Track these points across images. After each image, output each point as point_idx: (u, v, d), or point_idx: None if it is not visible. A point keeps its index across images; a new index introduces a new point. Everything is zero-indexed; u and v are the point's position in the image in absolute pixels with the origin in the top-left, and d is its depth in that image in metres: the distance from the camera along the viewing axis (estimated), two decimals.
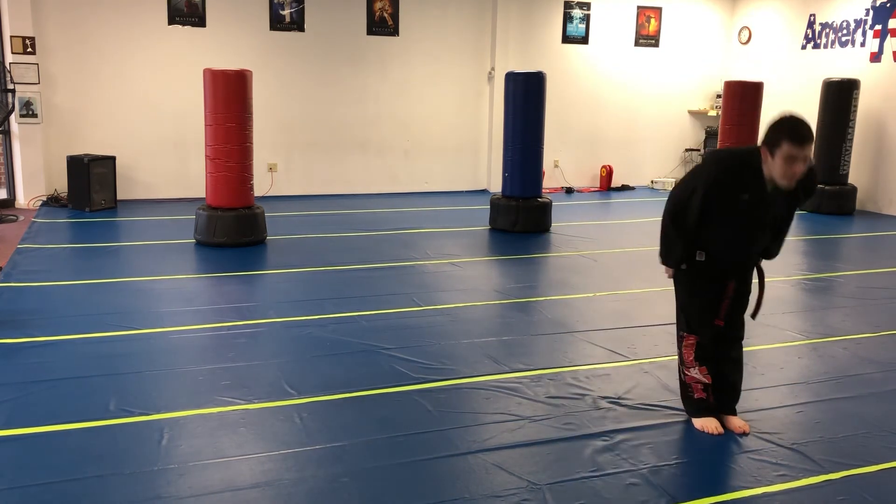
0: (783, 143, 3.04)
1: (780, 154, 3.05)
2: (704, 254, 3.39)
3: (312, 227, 8.13)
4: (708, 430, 3.47)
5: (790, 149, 3.02)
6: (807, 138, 3.04)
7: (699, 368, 3.50)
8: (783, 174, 3.09)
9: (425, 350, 4.48)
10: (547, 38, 11.10)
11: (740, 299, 3.51)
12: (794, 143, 3.02)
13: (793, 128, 3.05)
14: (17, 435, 3.31)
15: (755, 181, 3.19)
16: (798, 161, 3.05)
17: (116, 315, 4.95)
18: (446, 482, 3.02)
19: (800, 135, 3.03)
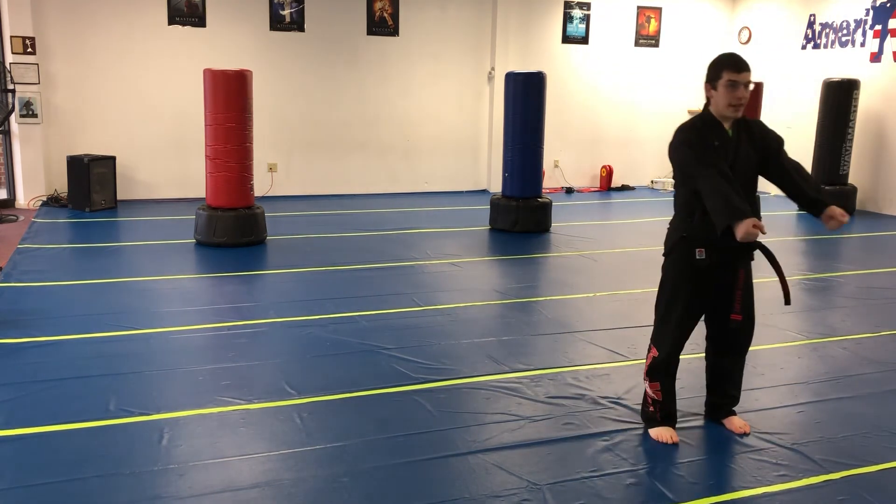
0: (723, 73, 3.22)
1: (722, 83, 3.22)
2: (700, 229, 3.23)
3: (312, 227, 8.13)
4: (663, 439, 3.37)
5: (729, 74, 3.20)
6: (743, 64, 3.21)
7: (650, 384, 3.43)
8: (728, 102, 3.22)
9: (425, 350, 4.48)
10: (547, 38, 11.10)
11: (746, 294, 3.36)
12: (732, 70, 3.20)
13: (729, 57, 3.26)
14: (17, 435, 3.31)
15: (715, 130, 3.26)
16: (739, 86, 3.20)
17: (116, 315, 4.95)
18: (446, 482, 3.02)
19: (736, 61, 3.22)
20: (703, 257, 3.27)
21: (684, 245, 3.31)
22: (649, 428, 3.45)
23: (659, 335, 3.42)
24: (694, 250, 3.28)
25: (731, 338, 3.46)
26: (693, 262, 3.28)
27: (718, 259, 3.26)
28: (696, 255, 3.27)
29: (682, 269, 3.34)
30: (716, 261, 3.26)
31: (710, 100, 3.32)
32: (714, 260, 3.26)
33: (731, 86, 3.21)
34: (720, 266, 3.27)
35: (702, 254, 3.26)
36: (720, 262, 3.27)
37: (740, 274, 3.30)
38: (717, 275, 3.29)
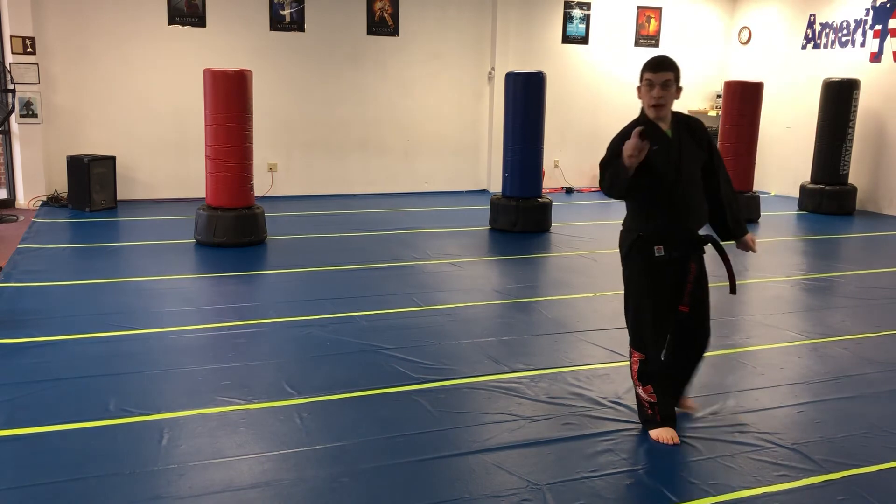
0: (643, 74, 3.31)
1: (643, 84, 3.31)
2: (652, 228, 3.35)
3: (312, 227, 8.13)
4: (663, 440, 3.37)
5: (647, 75, 3.29)
6: (663, 64, 3.28)
7: (643, 388, 3.43)
8: (648, 101, 3.31)
9: (425, 350, 4.48)
10: (547, 38, 11.10)
11: (699, 286, 3.44)
12: (649, 70, 3.28)
13: (649, 59, 3.33)
14: (17, 435, 3.31)
15: (654, 131, 3.26)
16: (655, 85, 3.27)
17: (116, 315, 4.95)
18: (446, 482, 3.02)
19: (655, 62, 3.30)
20: (661, 254, 3.34)
21: (642, 244, 3.38)
22: (649, 430, 3.44)
23: (637, 339, 3.44)
24: (652, 248, 3.34)
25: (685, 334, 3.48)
26: (652, 259, 3.35)
27: (675, 254, 3.34)
28: (654, 253, 3.34)
29: (643, 268, 3.40)
30: (673, 256, 3.34)
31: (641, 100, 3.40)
32: (671, 255, 3.34)
33: (648, 85, 3.29)
34: (676, 262, 3.36)
35: (660, 251, 3.34)
36: (676, 258, 3.35)
37: (692, 268, 3.39)
38: (672, 271, 3.36)
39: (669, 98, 3.29)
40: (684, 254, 3.38)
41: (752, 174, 9.30)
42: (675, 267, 3.36)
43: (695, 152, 3.39)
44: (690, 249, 3.40)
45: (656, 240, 3.34)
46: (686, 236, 3.37)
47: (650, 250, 3.35)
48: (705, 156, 3.42)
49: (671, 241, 3.34)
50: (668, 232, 3.33)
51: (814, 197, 9.86)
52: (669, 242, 3.34)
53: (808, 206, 9.91)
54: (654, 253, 3.34)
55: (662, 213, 3.32)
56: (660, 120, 3.34)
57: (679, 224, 3.37)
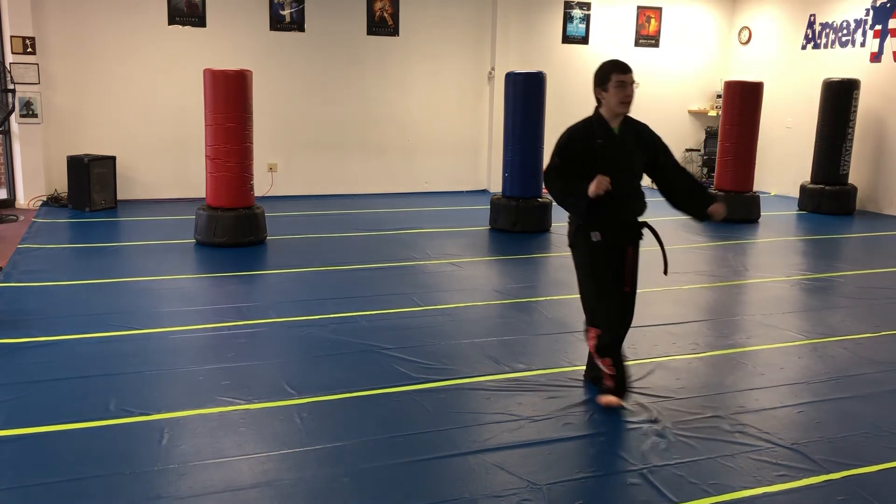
0: (612, 75, 3.63)
1: (612, 84, 3.62)
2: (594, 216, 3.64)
3: (312, 227, 8.13)
4: (612, 404, 3.70)
5: (618, 76, 3.62)
6: (628, 67, 3.69)
7: (602, 361, 3.73)
8: (619, 100, 3.63)
9: (425, 350, 4.48)
10: (547, 38, 11.10)
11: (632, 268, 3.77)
12: (619, 72, 3.64)
13: (615, 62, 3.70)
14: (17, 435, 3.31)
15: (602, 128, 3.67)
16: (627, 85, 3.63)
17: (116, 315, 4.95)
18: (446, 482, 3.02)
19: (622, 65, 3.68)
20: (599, 239, 3.68)
21: (583, 232, 3.71)
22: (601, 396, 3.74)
23: (593, 317, 3.79)
24: (590, 236, 3.69)
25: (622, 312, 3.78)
26: (592, 245, 3.69)
27: (613, 239, 3.69)
28: (593, 239, 3.68)
29: (587, 254, 3.74)
30: (611, 241, 3.68)
31: (602, 101, 3.70)
32: (609, 240, 3.68)
33: (621, 85, 3.62)
34: (614, 246, 3.70)
35: (598, 237, 3.68)
36: (614, 242, 3.70)
37: (629, 251, 3.73)
38: (612, 254, 3.71)
39: (633, 97, 3.68)
40: (622, 239, 3.72)
41: (752, 174, 9.30)
42: (614, 251, 3.70)
43: (636, 151, 3.76)
44: (628, 235, 3.75)
45: (597, 227, 3.67)
46: (623, 224, 3.74)
47: (590, 237, 3.69)
48: (648, 156, 3.80)
49: (610, 228, 3.69)
50: (607, 220, 3.67)
51: (814, 197, 9.85)
52: (608, 229, 3.69)
53: (808, 206, 9.91)
54: (593, 238, 3.68)
55: (602, 203, 3.57)
56: (615, 118, 3.69)
57: (617, 213, 3.69)
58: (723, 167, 9.29)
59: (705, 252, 7.50)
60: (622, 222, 3.73)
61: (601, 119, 3.70)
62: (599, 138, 3.64)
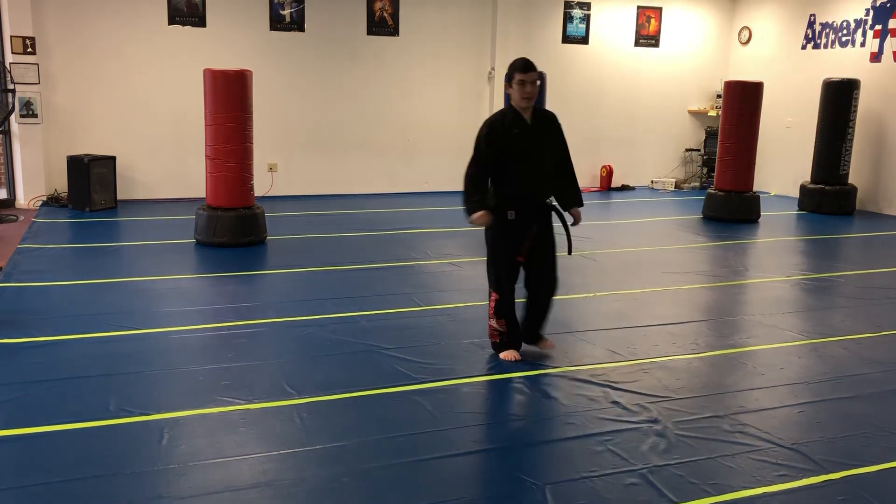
0: (515, 74, 4.11)
1: (515, 82, 4.11)
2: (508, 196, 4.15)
3: (312, 227, 8.13)
4: (508, 358, 4.26)
5: (519, 76, 4.09)
6: (530, 66, 4.12)
7: (497, 321, 4.29)
8: (520, 96, 4.11)
9: (425, 350, 4.48)
10: (547, 38, 11.10)
11: (545, 244, 4.29)
12: (520, 72, 4.10)
13: (520, 61, 4.15)
14: (17, 435, 3.31)
15: (516, 119, 4.16)
16: (526, 83, 4.09)
17: (116, 315, 4.95)
18: (446, 482, 3.02)
19: (523, 64, 4.12)
20: (512, 217, 4.17)
21: (498, 210, 4.18)
22: (499, 353, 4.31)
23: (496, 283, 4.28)
24: (506, 212, 4.17)
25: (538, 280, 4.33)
26: (505, 221, 4.17)
27: (523, 217, 4.19)
28: (507, 216, 4.17)
29: (498, 228, 4.21)
30: (521, 219, 4.18)
31: (510, 95, 4.16)
32: (520, 218, 4.18)
33: (521, 84, 4.10)
34: (524, 223, 4.19)
35: (512, 214, 4.17)
36: (524, 220, 4.19)
37: (532, 229, 4.22)
38: (522, 230, 4.20)
39: (535, 93, 4.13)
40: (530, 218, 4.22)
41: (752, 174, 9.30)
42: (522, 228, 4.20)
43: (546, 139, 4.26)
44: (536, 214, 4.25)
45: (509, 206, 4.16)
46: (532, 204, 4.23)
47: (504, 214, 4.17)
48: (556, 143, 4.30)
49: (520, 207, 4.18)
50: (518, 200, 4.18)
51: (814, 197, 9.86)
52: (519, 208, 4.18)
53: (808, 206, 9.91)
54: (507, 216, 4.16)
55: (515, 184, 4.16)
56: (524, 110, 4.16)
57: (527, 194, 4.21)
58: (723, 167, 9.29)
59: (705, 252, 7.50)
60: (532, 203, 4.23)
61: (514, 111, 4.18)
62: (515, 128, 4.14)
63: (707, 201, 9.35)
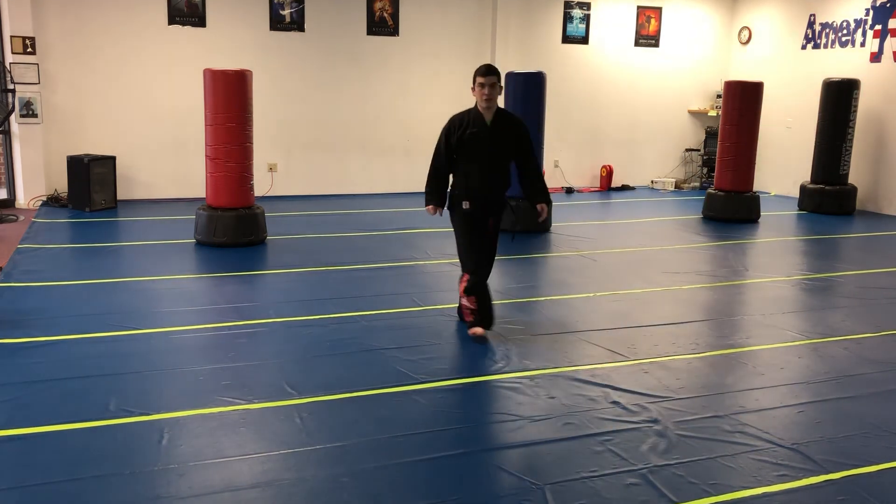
0: (476, 78, 4.49)
1: (476, 85, 4.50)
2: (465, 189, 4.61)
3: (312, 227, 8.13)
4: (476, 333, 4.64)
5: (479, 78, 4.48)
6: (490, 70, 4.49)
7: (468, 299, 4.66)
8: (480, 97, 4.49)
9: (425, 350, 4.48)
10: (547, 38, 11.10)
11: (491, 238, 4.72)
12: (480, 75, 4.47)
13: (481, 67, 4.53)
14: (17, 435, 3.31)
15: (476, 119, 4.55)
16: (486, 86, 4.45)
17: (116, 315, 4.95)
18: (446, 482, 3.02)
19: (484, 69, 4.50)
20: (468, 207, 4.62)
21: (457, 200, 4.66)
22: (470, 329, 4.66)
23: (465, 266, 4.70)
24: (462, 203, 4.63)
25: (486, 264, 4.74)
26: (462, 211, 4.64)
27: (478, 208, 4.63)
28: (463, 206, 4.63)
29: (460, 216, 4.69)
30: (477, 209, 4.62)
31: (475, 97, 4.55)
32: (475, 209, 4.62)
33: (481, 86, 4.47)
34: (480, 214, 4.64)
35: (467, 205, 4.62)
36: (480, 212, 4.64)
37: (489, 221, 4.68)
38: (478, 220, 4.64)
39: (496, 95, 4.50)
40: (486, 210, 4.66)
41: (752, 174, 9.30)
42: (479, 218, 4.64)
43: (504, 139, 4.61)
44: (491, 207, 4.67)
45: (466, 198, 4.62)
46: (488, 198, 4.65)
47: (461, 204, 4.63)
48: (516, 145, 4.64)
49: (477, 200, 4.62)
50: (474, 193, 4.62)
51: (814, 197, 9.86)
52: (475, 200, 4.62)
53: (808, 206, 9.91)
54: (464, 206, 4.62)
55: (473, 179, 4.60)
56: (486, 111, 4.53)
57: (483, 188, 4.62)
58: (723, 167, 9.29)
59: (705, 252, 7.50)
60: (486, 196, 4.64)
61: (477, 112, 4.56)
62: (472, 128, 4.53)
63: (707, 201, 9.36)
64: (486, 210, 4.66)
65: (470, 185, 4.61)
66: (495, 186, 4.67)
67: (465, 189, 4.63)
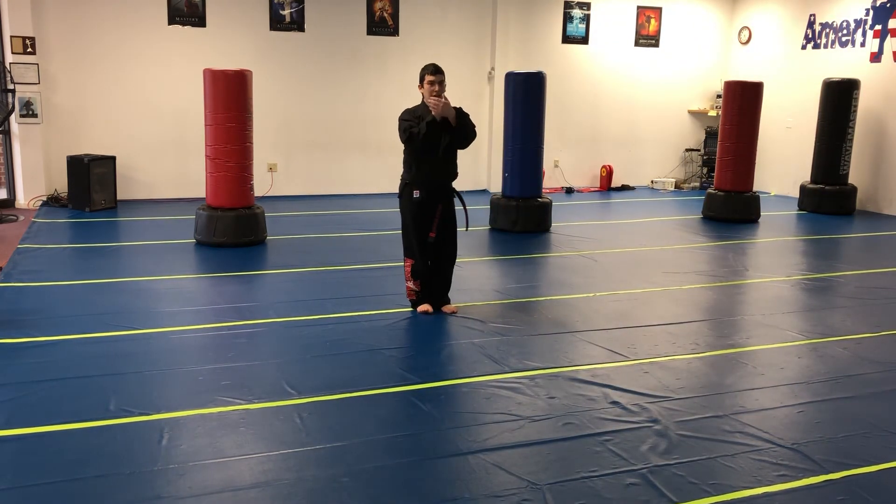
0: (424, 76, 4.91)
1: (425, 83, 4.90)
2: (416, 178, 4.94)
3: (312, 227, 8.13)
4: (423, 310, 5.07)
5: (429, 76, 4.89)
6: (437, 70, 4.91)
7: (414, 283, 5.08)
8: (429, 94, 4.87)
9: (425, 350, 4.48)
10: (547, 38, 11.10)
11: (448, 221, 5.05)
12: (430, 73, 4.89)
13: (427, 66, 4.96)
14: (17, 435, 3.31)
15: (426, 114, 4.90)
16: (435, 84, 4.87)
17: (116, 315, 4.95)
18: (446, 482, 3.02)
19: (432, 68, 4.92)
20: (418, 196, 4.95)
21: (408, 188, 4.98)
22: (416, 307, 5.11)
23: (409, 251, 5.06)
24: (413, 191, 4.95)
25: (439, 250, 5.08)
26: (412, 199, 4.95)
27: (428, 196, 4.96)
28: (414, 195, 4.94)
29: (408, 204, 4.99)
30: (426, 197, 4.95)
31: (423, 95, 4.94)
32: (425, 197, 4.95)
33: (430, 84, 4.89)
34: (429, 201, 4.97)
35: (418, 193, 4.95)
36: (429, 199, 4.96)
37: (438, 207, 5.00)
38: (428, 207, 4.98)
39: (443, 91, 4.88)
40: (435, 198, 4.99)
41: (752, 174, 9.30)
42: (428, 205, 4.97)
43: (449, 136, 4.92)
44: (440, 195, 5.01)
45: (416, 186, 4.95)
46: (437, 186, 5.00)
47: (412, 193, 4.95)
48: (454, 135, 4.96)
49: (427, 187, 4.96)
50: (425, 181, 4.96)
51: (814, 197, 9.86)
52: (425, 188, 4.95)
53: (808, 206, 9.91)
54: (414, 195, 4.94)
55: (423, 168, 4.95)
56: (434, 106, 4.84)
57: (433, 177, 4.98)
58: (723, 167, 9.29)
59: (705, 252, 7.50)
60: (436, 184, 4.98)
61: (425, 107, 4.94)
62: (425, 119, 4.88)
63: (707, 201, 9.36)
64: (436, 198, 4.99)
65: (421, 175, 4.95)
66: (445, 175, 5.03)
67: (416, 178, 4.95)
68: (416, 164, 4.95)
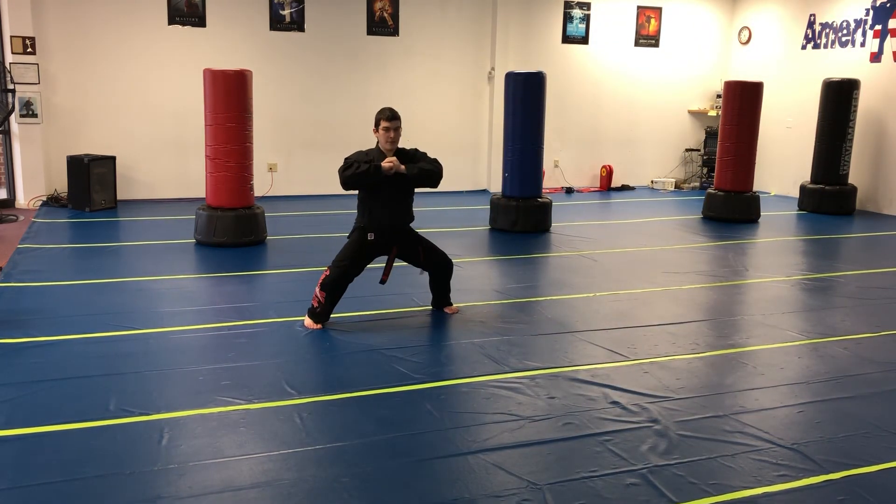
0: (380, 122, 4.86)
1: (381, 128, 4.86)
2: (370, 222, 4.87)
3: (312, 227, 8.13)
4: (310, 327, 4.78)
5: (384, 122, 4.84)
6: (393, 117, 4.87)
7: (321, 292, 4.82)
8: (384, 140, 4.86)
9: (425, 350, 4.48)
10: (547, 38, 11.10)
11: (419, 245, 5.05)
12: (385, 120, 4.84)
13: (383, 111, 4.89)
14: (17, 435, 3.31)
15: (380, 157, 4.86)
16: (390, 130, 4.85)
17: (116, 315, 4.95)
18: (446, 482, 3.02)
19: (388, 115, 4.87)
20: (372, 238, 4.90)
21: (362, 231, 4.91)
22: (306, 319, 4.84)
23: (335, 265, 4.87)
24: (367, 235, 4.89)
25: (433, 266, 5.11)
26: (365, 241, 4.90)
27: (382, 239, 4.92)
28: (368, 238, 4.89)
29: (357, 243, 4.91)
30: (380, 241, 4.91)
31: (378, 138, 4.91)
32: (379, 240, 4.91)
33: (386, 129, 4.86)
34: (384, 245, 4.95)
35: (372, 236, 4.90)
36: (384, 242, 4.94)
37: (393, 250, 5.00)
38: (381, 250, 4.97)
39: (398, 138, 4.88)
40: (389, 240, 4.96)
41: (752, 174, 9.30)
42: (381, 248, 4.97)
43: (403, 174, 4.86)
44: (394, 237, 4.98)
45: (371, 229, 4.89)
46: (391, 228, 4.96)
47: (366, 236, 4.89)
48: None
49: (380, 231, 4.91)
50: (378, 224, 4.90)
51: (814, 197, 9.86)
52: (379, 231, 4.90)
53: (808, 206, 9.91)
54: (368, 238, 4.88)
55: (377, 211, 4.89)
56: (388, 152, 4.89)
57: (386, 220, 4.92)
58: (723, 167, 9.29)
59: (705, 252, 7.50)
60: (391, 227, 4.94)
61: (380, 151, 4.91)
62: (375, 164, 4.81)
63: (707, 201, 9.36)
64: (390, 241, 4.97)
65: (375, 220, 4.89)
66: (400, 220, 4.99)
67: (370, 223, 4.89)
68: (369, 209, 4.88)
